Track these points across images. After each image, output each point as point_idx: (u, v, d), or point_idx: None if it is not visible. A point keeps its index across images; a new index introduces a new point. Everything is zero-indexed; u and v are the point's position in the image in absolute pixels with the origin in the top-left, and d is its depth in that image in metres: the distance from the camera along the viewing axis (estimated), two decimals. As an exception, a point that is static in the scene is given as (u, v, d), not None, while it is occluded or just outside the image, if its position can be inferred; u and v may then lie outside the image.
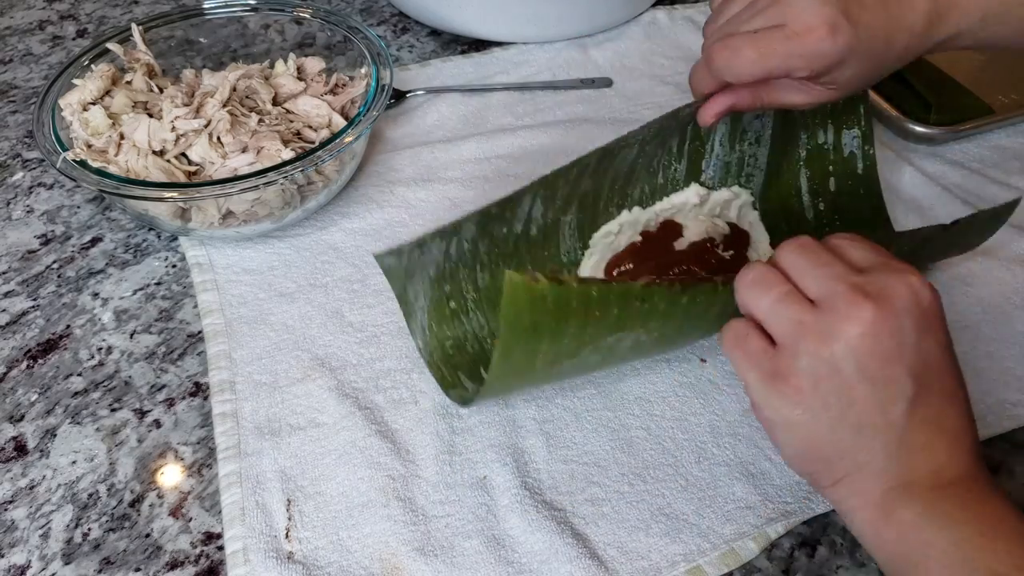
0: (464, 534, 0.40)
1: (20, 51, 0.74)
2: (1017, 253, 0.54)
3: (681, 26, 0.77)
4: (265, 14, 0.63)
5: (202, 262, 0.53)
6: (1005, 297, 0.51)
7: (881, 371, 0.31)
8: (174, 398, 0.46)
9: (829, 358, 0.31)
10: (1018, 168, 0.61)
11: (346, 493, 0.41)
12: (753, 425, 0.44)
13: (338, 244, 0.55)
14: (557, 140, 0.63)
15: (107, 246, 0.55)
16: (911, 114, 0.62)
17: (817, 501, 0.41)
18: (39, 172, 0.61)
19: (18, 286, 0.53)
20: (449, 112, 0.66)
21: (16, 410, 0.46)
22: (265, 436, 0.44)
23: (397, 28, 0.77)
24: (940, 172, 0.60)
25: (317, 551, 0.39)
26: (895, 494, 0.32)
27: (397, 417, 0.45)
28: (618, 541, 0.39)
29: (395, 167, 0.61)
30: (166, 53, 0.61)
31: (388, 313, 0.50)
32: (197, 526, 0.41)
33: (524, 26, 0.72)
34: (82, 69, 0.56)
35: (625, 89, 0.69)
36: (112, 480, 0.42)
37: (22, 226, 0.57)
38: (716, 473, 0.42)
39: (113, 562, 0.39)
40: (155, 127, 0.52)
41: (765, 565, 0.39)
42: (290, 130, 0.55)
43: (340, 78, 0.60)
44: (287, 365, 0.47)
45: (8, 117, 0.66)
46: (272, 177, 0.48)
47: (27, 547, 0.40)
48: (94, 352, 0.49)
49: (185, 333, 0.50)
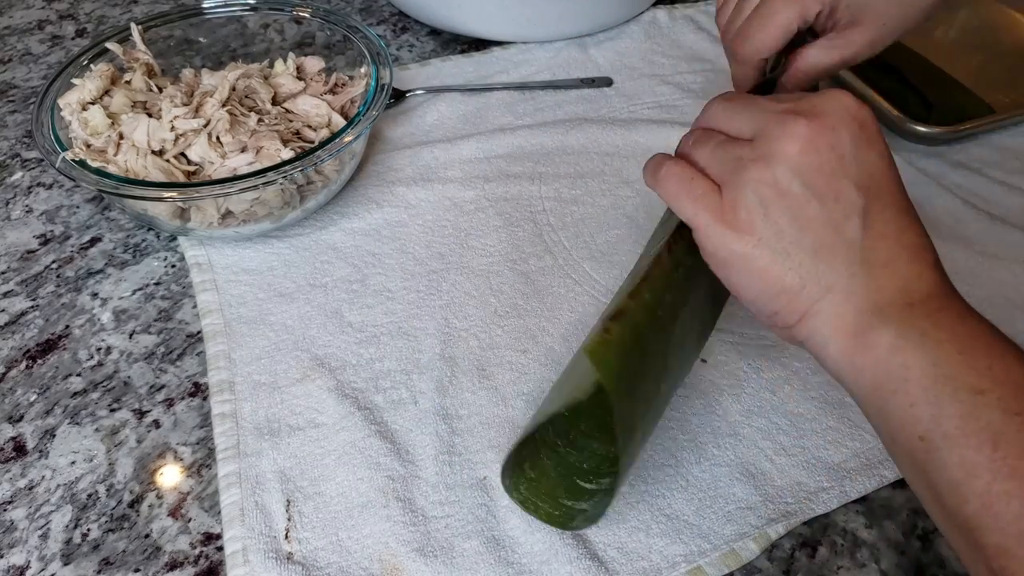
0: (464, 534, 0.40)
1: (19, 51, 0.74)
2: (1017, 253, 0.54)
3: (681, 25, 0.77)
4: (264, 13, 0.63)
5: (201, 262, 0.53)
6: (1005, 297, 0.51)
7: (827, 186, 0.31)
8: (173, 398, 0.46)
9: (773, 182, 0.32)
10: (1018, 168, 0.61)
11: (345, 494, 0.41)
12: (754, 426, 0.44)
13: (338, 244, 0.55)
14: (557, 140, 0.63)
15: (106, 246, 0.55)
16: (911, 114, 0.61)
17: (818, 502, 0.41)
18: (38, 172, 0.61)
19: (17, 286, 0.52)
20: (449, 112, 0.66)
21: (15, 410, 0.46)
22: (264, 436, 0.44)
23: (397, 27, 0.77)
24: (940, 172, 0.60)
25: (316, 552, 0.39)
26: (867, 318, 0.31)
27: (397, 417, 0.45)
28: (618, 542, 0.39)
29: (395, 167, 0.61)
30: (165, 53, 0.61)
31: (388, 313, 0.50)
32: (196, 527, 0.41)
33: (524, 25, 0.72)
34: (81, 69, 0.56)
35: (625, 88, 0.69)
36: (111, 480, 0.42)
37: (21, 226, 0.57)
38: (716, 474, 0.42)
39: (112, 563, 0.39)
40: (154, 127, 0.52)
41: (765, 566, 0.39)
42: (289, 130, 0.54)
43: (340, 78, 0.60)
44: (286, 365, 0.47)
45: (7, 117, 0.66)
46: (271, 177, 0.48)
47: (26, 547, 0.40)
48: (93, 352, 0.48)
49: (184, 333, 0.50)
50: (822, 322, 0.32)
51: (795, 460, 0.43)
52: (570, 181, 0.60)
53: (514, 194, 0.59)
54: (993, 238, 0.55)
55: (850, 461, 0.43)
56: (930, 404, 0.28)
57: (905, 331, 0.30)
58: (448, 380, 0.46)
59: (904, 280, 0.31)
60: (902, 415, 0.29)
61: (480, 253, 0.54)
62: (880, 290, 0.31)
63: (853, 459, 0.43)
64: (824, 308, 0.32)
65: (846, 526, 0.41)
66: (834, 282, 0.31)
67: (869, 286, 0.31)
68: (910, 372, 0.29)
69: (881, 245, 0.32)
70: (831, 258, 0.31)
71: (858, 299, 0.31)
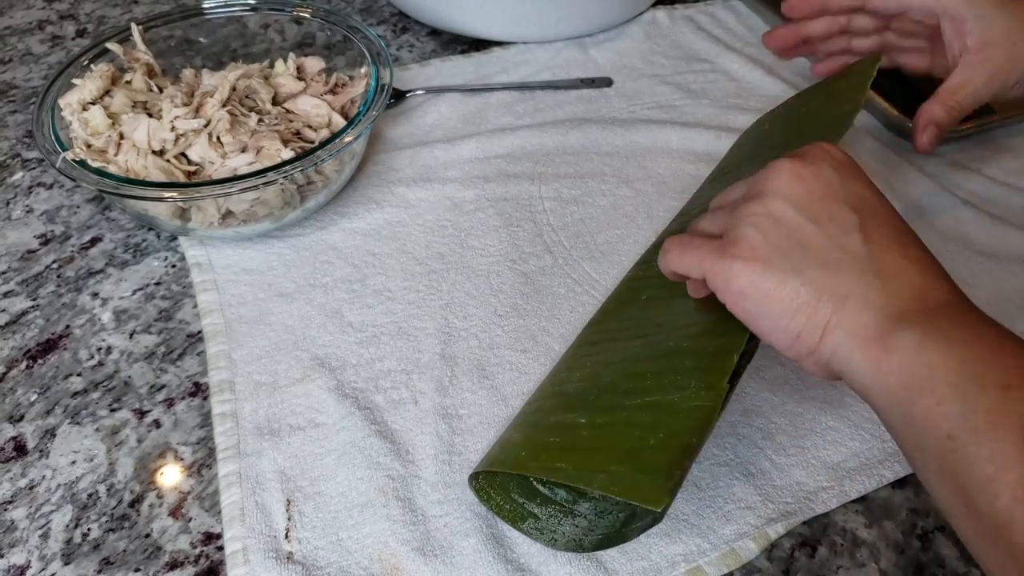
0: (463, 534, 0.40)
1: (20, 51, 0.74)
2: (1017, 253, 0.54)
3: (682, 26, 0.77)
4: (265, 14, 0.63)
5: (201, 262, 0.53)
6: (1006, 297, 0.51)
7: (820, 210, 0.33)
8: (174, 398, 0.46)
9: (767, 212, 0.33)
10: (1018, 168, 0.61)
11: (345, 493, 0.41)
12: (753, 425, 0.44)
13: (338, 244, 0.55)
14: (557, 140, 0.63)
15: (107, 246, 0.55)
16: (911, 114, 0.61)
17: (817, 501, 0.41)
18: (39, 172, 0.61)
19: (17, 286, 0.53)
20: (449, 112, 0.66)
21: (16, 410, 0.46)
22: (265, 436, 0.44)
23: (397, 28, 0.77)
24: (940, 172, 0.60)
25: (317, 551, 0.39)
26: (890, 322, 0.31)
27: (397, 417, 0.45)
28: (618, 541, 0.39)
29: (395, 167, 0.61)
30: (166, 53, 0.61)
31: (388, 313, 0.50)
32: (197, 526, 0.41)
33: (524, 26, 0.72)
34: (82, 69, 0.56)
35: (625, 89, 0.69)
36: (112, 480, 0.42)
37: (22, 226, 0.57)
38: (716, 473, 0.42)
39: (113, 562, 0.39)
40: (155, 127, 0.52)
41: (765, 565, 0.39)
42: (290, 130, 0.54)
43: (340, 78, 0.60)
44: (287, 365, 0.47)
45: (8, 117, 0.66)
46: (272, 177, 0.48)
47: (26, 547, 0.40)
48: (94, 352, 0.49)
49: (185, 333, 0.50)
50: (845, 332, 0.32)
51: (795, 460, 0.43)
52: (570, 181, 0.60)
53: (514, 194, 0.59)
54: (993, 238, 0.55)
55: (849, 461, 0.43)
56: (958, 401, 0.28)
57: (930, 332, 0.30)
58: (448, 380, 0.46)
59: (919, 288, 0.32)
60: (929, 415, 0.29)
61: (480, 253, 0.54)
62: (898, 296, 0.31)
63: (852, 459, 0.43)
64: (845, 318, 0.32)
65: (845, 526, 0.41)
66: (850, 291, 0.32)
67: (886, 293, 0.31)
68: (936, 371, 0.29)
69: (887, 257, 0.32)
70: (842, 270, 0.32)
71: (878, 305, 0.31)
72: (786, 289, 0.32)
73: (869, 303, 0.31)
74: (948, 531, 0.41)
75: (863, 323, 0.31)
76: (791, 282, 0.32)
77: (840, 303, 0.32)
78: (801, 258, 0.32)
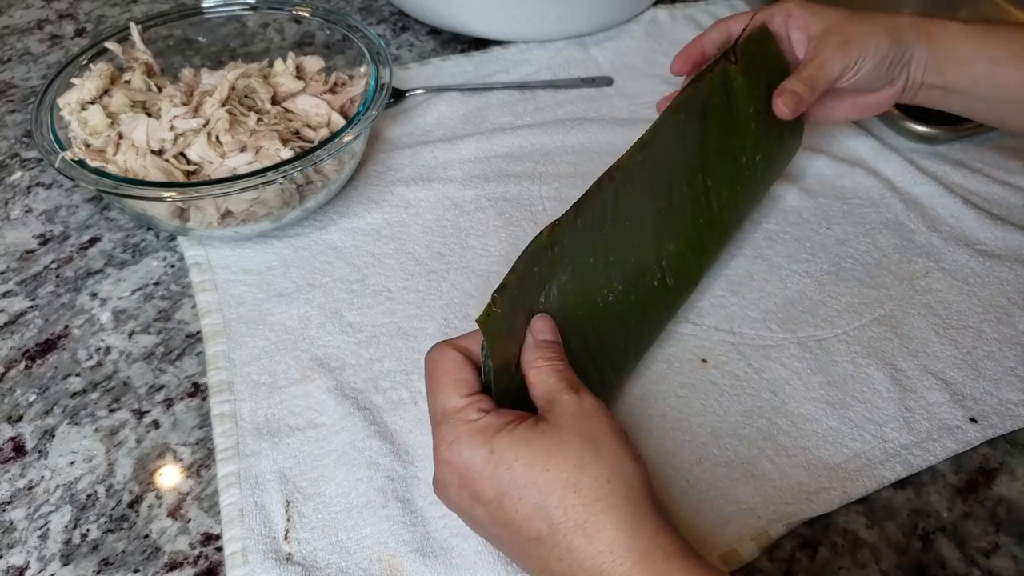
0: (463, 534, 0.39)
1: (18, 50, 0.74)
2: (1018, 253, 0.54)
3: (682, 25, 0.77)
4: (264, 13, 0.62)
5: (200, 262, 0.53)
6: (1007, 297, 0.51)
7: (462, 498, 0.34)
8: (173, 399, 0.46)
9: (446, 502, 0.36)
10: (1018, 168, 0.60)
11: (345, 494, 0.41)
12: (754, 426, 0.44)
13: (337, 244, 0.54)
14: (557, 140, 0.63)
15: (105, 246, 0.55)
16: (911, 114, 0.61)
17: (818, 502, 0.41)
18: (37, 172, 0.61)
19: (16, 286, 0.52)
20: (449, 111, 0.66)
21: (14, 410, 0.46)
22: (264, 437, 0.43)
23: (396, 27, 0.77)
24: (941, 172, 0.60)
25: (316, 552, 0.39)
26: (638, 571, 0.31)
27: (396, 418, 0.45)
28: (618, 542, 0.39)
29: (394, 166, 0.60)
30: (165, 52, 0.61)
31: (387, 313, 0.50)
32: (196, 527, 0.40)
33: (524, 25, 0.72)
34: (80, 68, 0.56)
35: (626, 88, 0.69)
36: (111, 481, 0.42)
37: (20, 226, 0.57)
38: (717, 474, 0.42)
39: (112, 563, 0.39)
40: (154, 126, 0.52)
41: (766, 566, 0.39)
42: (289, 129, 0.54)
43: (339, 77, 0.60)
44: (286, 366, 0.47)
45: (6, 116, 0.66)
46: (271, 177, 0.48)
47: (25, 548, 0.40)
48: (92, 352, 0.48)
49: (184, 333, 0.50)
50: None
51: (795, 460, 0.43)
52: (570, 181, 0.60)
53: (514, 194, 0.58)
54: (993, 238, 0.55)
55: (851, 462, 0.43)
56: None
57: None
58: (448, 380, 0.46)
59: (649, 545, 0.31)
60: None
61: (480, 253, 0.54)
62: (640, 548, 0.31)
63: (854, 460, 0.43)
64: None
65: (847, 526, 0.41)
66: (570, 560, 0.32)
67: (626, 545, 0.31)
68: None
69: (575, 534, 0.31)
70: (532, 547, 0.32)
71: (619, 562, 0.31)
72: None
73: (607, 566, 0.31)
74: (949, 532, 0.41)
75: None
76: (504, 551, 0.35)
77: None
78: (492, 536, 0.35)
